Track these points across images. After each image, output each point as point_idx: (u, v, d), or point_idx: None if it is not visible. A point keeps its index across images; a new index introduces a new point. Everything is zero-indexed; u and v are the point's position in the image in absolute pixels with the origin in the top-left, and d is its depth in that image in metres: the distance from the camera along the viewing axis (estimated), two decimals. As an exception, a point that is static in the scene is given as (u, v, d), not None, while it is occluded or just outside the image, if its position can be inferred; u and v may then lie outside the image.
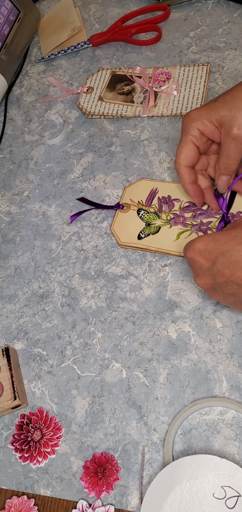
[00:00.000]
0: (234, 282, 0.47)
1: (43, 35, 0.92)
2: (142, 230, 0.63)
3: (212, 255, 0.47)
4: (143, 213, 0.64)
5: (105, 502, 0.49)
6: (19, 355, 0.59)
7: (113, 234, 0.64)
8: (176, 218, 0.63)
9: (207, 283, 0.50)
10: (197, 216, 0.62)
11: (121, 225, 0.65)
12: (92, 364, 0.57)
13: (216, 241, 0.47)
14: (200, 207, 0.62)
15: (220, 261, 0.47)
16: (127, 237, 0.63)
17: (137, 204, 0.65)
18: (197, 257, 0.49)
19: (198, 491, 0.46)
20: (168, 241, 0.62)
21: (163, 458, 0.50)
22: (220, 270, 0.47)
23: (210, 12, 0.84)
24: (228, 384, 0.52)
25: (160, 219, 0.63)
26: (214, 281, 0.49)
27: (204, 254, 0.48)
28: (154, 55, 0.82)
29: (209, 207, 0.62)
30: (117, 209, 0.66)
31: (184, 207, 0.64)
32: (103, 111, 0.77)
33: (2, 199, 0.73)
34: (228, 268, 0.46)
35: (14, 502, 0.51)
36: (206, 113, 0.57)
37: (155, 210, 0.64)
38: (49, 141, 0.77)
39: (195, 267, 0.50)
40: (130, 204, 0.66)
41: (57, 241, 0.67)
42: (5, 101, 0.84)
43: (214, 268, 0.47)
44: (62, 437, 0.53)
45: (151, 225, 0.63)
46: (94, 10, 0.92)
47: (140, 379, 0.55)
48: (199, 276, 0.50)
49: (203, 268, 0.49)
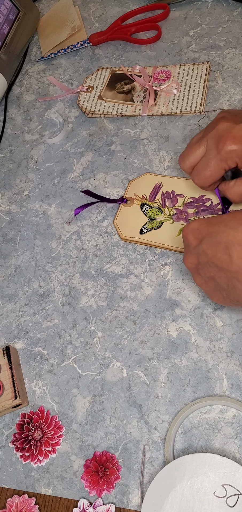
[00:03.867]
0: (214, 264, 0.47)
1: (42, 34, 0.92)
2: (144, 225, 0.63)
3: (201, 234, 0.49)
4: (146, 208, 0.65)
5: (106, 501, 0.49)
6: (20, 354, 0.59)
7: (115, 227, 0.64)
8: (178, 214, 0.63)
9: (193, 262, 0.50)
10: (199, 212, 0.62)
11: (123, 219, 0.65)
12: (92, 363, 0.57)
13: (208, 223, 0.48)
14: (203, 202, 0.63)
15: (206, 241, 0.48)
16: (129, 232, 0.64)
17: (140, 198, 0.66)
18: (189, 235, 0.50)
19: (199, 490, 0.46)
20: (169, 237, 0.62)
21: (164, 456, 0.50)
22: (204, 250, 0.48)
23: (210, 10, 0.84)
24: (228, 383, 0.52)
25: (163, 214, 0.64)
26: (198, 261, 0.50)
27: (195, 233, 0.49)
28: (153, 54, 0.82)
29: (212, 204, 0.63)
30: (121, 203, 0.66)
31: (187, 202, 0.64)
32: (103, 110, 0.77)
33: (2, 199, 0.73)
34: (211, 249, 0.47)
35: (15, 501, 0.51)
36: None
37: (158, 205, 0.65)
38: (49, 140, 0.77)
39: (185, 245, 0.51)
40: (134, 198, 0.66)
41: (57, 240, 0.67)
42: (5, 100, 0.84)
43: (199, 247, 0.49)
44: (63, 436, 0.53)
45: (153, 220, 0.63)
46: (94, 9, 0.92)
47: (141, 378, 0.55)
48: (187, 255, 0.51)
49: (191, 246, 0.50)
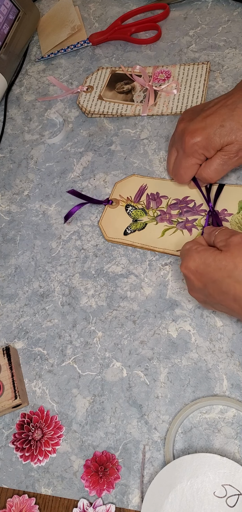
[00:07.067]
0: (224, 306, 0.50)
1: (42, 34, 0.92)
2: (129, 226, 0.64)
3: (203, 278, 0.49)
4: (131, 209, 0.65)
5: (106, 501, 0.49)
6: (20, 354, 0.59)
7: (100, 229, 0.65)
8: (162, 215, 0.64)
9: (200, 298, 0.52)
10: (183, 214, 0.63)
11: (108, 221, 0.66)
12: (92, 363, 0.57)
13: (206, 266, 0.49)
14: (186, 205, 0.64)
15: (211, 287, 0.49)
16: (113, 233, 0.64)
17: (125, 200, 0.67)
18: (190, 275, 0.51)
19: (199, 490, 0.46)
20: (153, 238, 0.62)
21: (164, 456, 0.50)
22: (211, 294, 0.49)
23: (210, 10, 0.84)
24: (228, 383, 0.52)
25: (147, 215, 0.65)
26: (206, 299, 0.52)
27: (195, 274, 0.50)
28: (153, 53, 0.82)
29: (195, 205, 0.63)
30: (107, 205, 0.67)
31: (171, 204, 0.65)
32: (103, 110, 0.77)
33: (2, 199, 0.73)
34: (218, 295, 0.49)
35: (15, 501, 0.51)
36: (213, 141, 0.57)
37: (142, 206, 0.65)
38: (49, 140, 0.77)
39: (188, 283, 0.53)
40: (119, 199, 0.67)
41: (57, 240, 0.67)
42: (5, 100, 0.84)
43: (205, 290, 0.50)
44: (63, 436, 0.53)
45: (137, 221, 0.64)
46: (94, 9, 0.92)
47: (141, 378, 0.55)
48: (192, 291, 0.53)
49: (196, 287, 0.51)
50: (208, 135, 0.57)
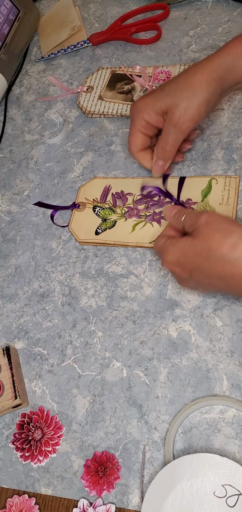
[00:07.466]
0: (215, 287, 0.52)
1: (43, 34, 0.92)
2: (99, 226, 0.65)
3: (187, 267, 0.51)
4: (99, 210, 0.67)
5: (106, 501, 0.49)
6: (20, 354, 0.59)
7: (71, 233, 0.66)
8: (130, 211, 0.65)
9: (192, 286, 0.55)
10: (149, 207, 0.65)
11: (78, 224, 0.67)
12: (92, 363, 0.57)
13: (185, 256, 0.51)
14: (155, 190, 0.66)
15: (196, 274, 0.51)
16: (85, 234, 0.65)
17: (92, 202, 0.68)
18: (174, 268, 0.53)
19: (199, 490, 0.46)
20: (124, 234, 0.64)
21: (164, 456, 0.50)
22: (199, 280, 0.52)
23: (210, 11, 0.84)
24: (228, 383, 0.52)
25: (115, 213, 0.66)
26: (197, 286, 0.54)
27: (178, 265, 0.52)
28: (153, 54, 0.82)
29: (160, 197, 0.65)
30: (74, 209, 0.68)
31: (136, 200, 0.66)
32: (103, 110, 0.77)
33: (2, 199, 0.73)
34: (205, 279, 0.51)
35: (15, 501, 0.51)
36: (152, 103, 0.61)
37: (109, 205, 0.67)
38: (49, 141, 0.77)
39: (175, 276, 0.55)
40: (85, 202, 0.68)
41: (57, 240, 0.67)
42: (5, 100, 0.84)
43: (193, 278, 0.52)
44: (63, 436, 0.53)
45: (107, 220, 0.65)
46: (94, 9, 0.92)
47: (141, 378, 0.55)
48: (182, 282, 0.55)
49: (183, 277, 0.53)
50: (144, 99, 0.62)
